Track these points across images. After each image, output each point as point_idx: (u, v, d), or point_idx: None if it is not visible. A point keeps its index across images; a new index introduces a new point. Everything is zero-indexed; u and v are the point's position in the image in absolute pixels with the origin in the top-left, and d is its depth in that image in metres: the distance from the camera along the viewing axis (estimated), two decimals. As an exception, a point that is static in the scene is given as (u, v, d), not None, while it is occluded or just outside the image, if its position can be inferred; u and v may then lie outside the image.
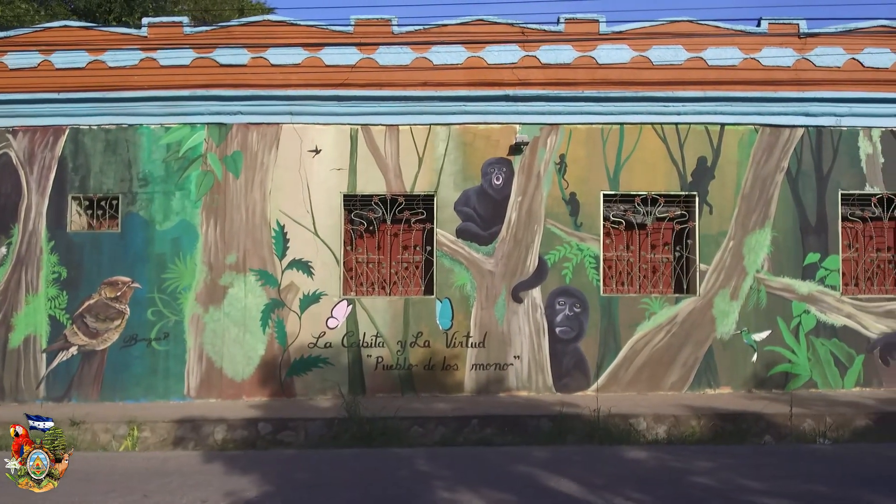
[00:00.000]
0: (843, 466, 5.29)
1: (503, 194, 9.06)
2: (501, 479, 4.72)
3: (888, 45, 9.19)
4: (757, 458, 5.47)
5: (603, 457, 5.36)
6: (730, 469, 4.93)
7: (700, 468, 4.95)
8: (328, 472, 5.17)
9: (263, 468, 5.17)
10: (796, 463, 5.36)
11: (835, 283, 9.04)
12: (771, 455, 5.73)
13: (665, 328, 8.96)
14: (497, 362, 8.93)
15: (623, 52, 9.10)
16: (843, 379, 8.97)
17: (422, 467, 5.10)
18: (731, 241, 9.05)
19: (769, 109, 9.09)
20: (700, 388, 8.92)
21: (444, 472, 4.95)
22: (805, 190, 9.12)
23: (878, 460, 5.50)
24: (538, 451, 5.77)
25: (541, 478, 4.74)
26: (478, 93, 8.97)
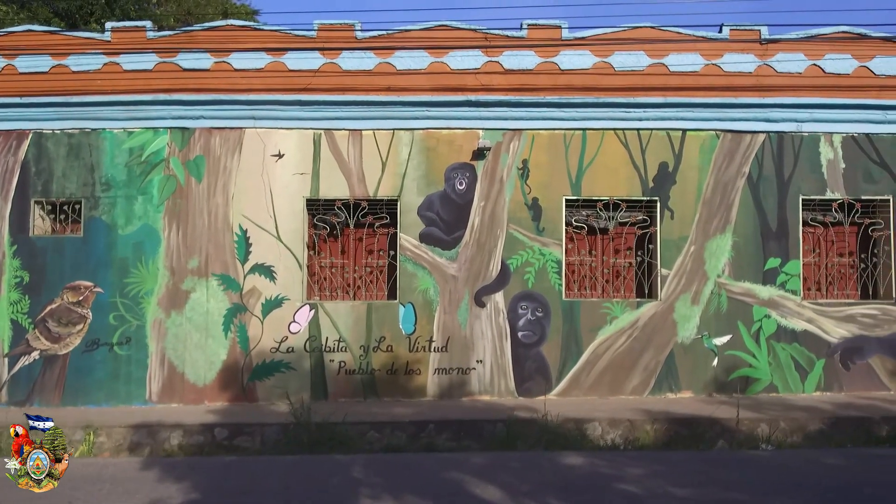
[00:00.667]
0: (773, 473, 5.33)
1: (466, 199, 9.09)
2: (429, 487, 4.75)
3: (849, 51, 9.26)
4: (693, 465, 5.51)
5: (540, 463, 5.39)
6: (661, 476, 4.96)
7: (631, 475, 4.98)
8: (262, 479, 5.18)
9: (199, 475, 5.18)
10: (730, 469, 5.39)
11: (795, 287, 9.11)
12: (708, 461, 5.76)
13: (626, 332, 9.01)
14: (460, 367, 8.95)
15: (585, 57, 9.15)
16: (803, 383, 9.03)
17: (356, 474, 5.11)
18: (693, 246, 9.10)
19: (730, 115, 9.15)
20: (661, 392, 8.97)
21: (376, 479, 4.97)
22: (766, 195, 9.18)
23: (811, 467, 5.53)
24: (479, 457, 5.80)
25: (469, 485, 4.77)
26: (441, 98, 8.99)
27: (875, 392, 8.95)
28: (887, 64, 9.26)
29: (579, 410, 7.95)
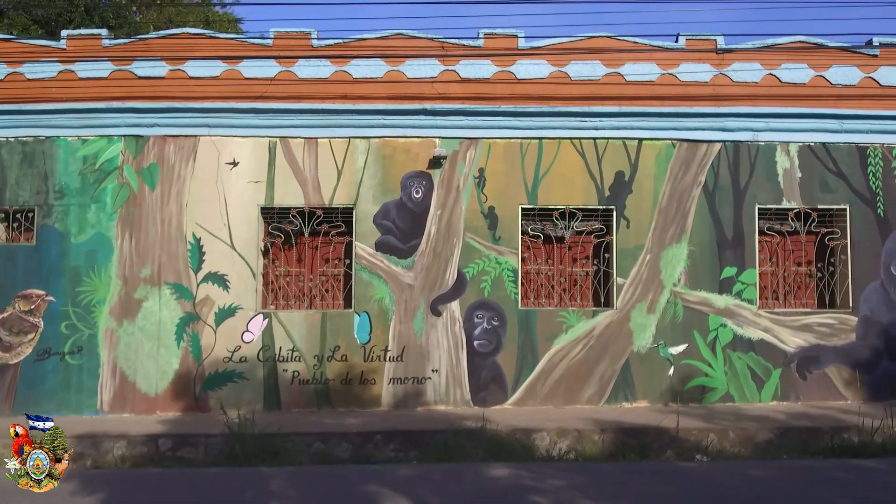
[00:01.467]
0: (693, 486, 5.29)
1: (423, 207, 9.06)
2: (342, 499, 4.69)
3: (805, 61, 9.31)
4: (619, 476, 5.47)
5: (465, 475, 5.33)
6: (579, 488, 4.91)
7: (550, 487, 4.93)
8: (176, 491, 5.13)
9: (113, 488, 5.12)
10: (652, 481, 5.35)
11: (752, 296, 9.10)
12: (636, 473, 5.71)
13: (582, 341, 8.97)
14: (415, 376, 8.90)
15: (541, 67, 9.16)
16: (759, 393, 9.01)
17: (274, 487, 5.05)
18: (649, 255, 9.10)
19: (686, 124, 9.17)
20: (617, 401, 8.93)
21: (291, 491, 4.91)
22: (722, 204, 9.19)
23: (735, 479, 5.48)
24: (408, 468, 5.73)
25: (382, 497, 4.70)
26: (397, 106, 8.98)
27: (832, 402, 8.94)
28: (843, 73, 9.31)
29: (531, 420, 7.91)
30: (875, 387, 9.07)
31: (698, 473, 5.74)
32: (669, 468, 6.13)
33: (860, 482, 5.37)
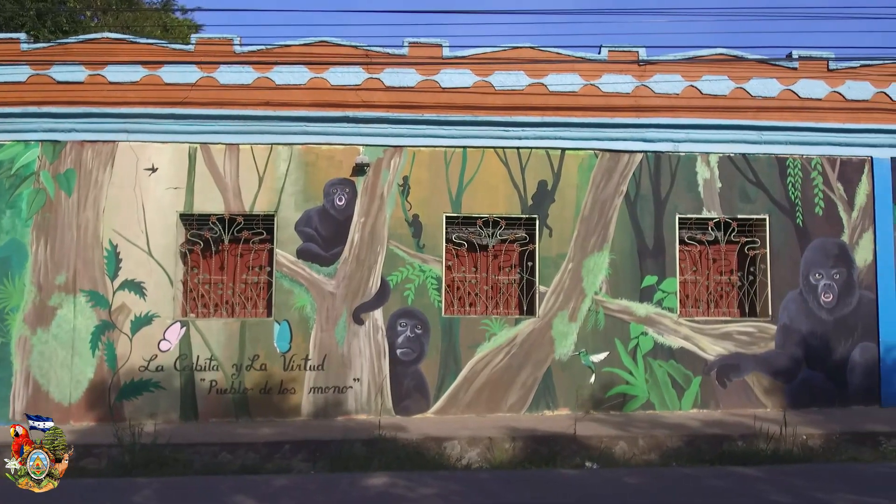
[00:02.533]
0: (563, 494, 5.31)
1: (346, 215, 9.02)
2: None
3: (726, 73, 9.47)
4: (494, 485, 5.47)
5: (339, 484, 5.27)
6: (446, 497, 4.88)
7: (417, 496, 4.89)
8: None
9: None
10: (525, 490, 5.35)
11: (672, 305, 9.20)
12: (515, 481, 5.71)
13: (505, 349, 8.98)
14: (336, 385, 8.82)
15: (466, 76, 9.20)
16: (680, 401, 9.09)
17: (136, 498, 4.94)
18: (571, 264, 9.15)
19: (608, 135, 9.26)
20: (539, 409, 8.94)
21: (151, 503, 4.82)
22: (643, 213, 9.29)
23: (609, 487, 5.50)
24: (285, 479, 5.66)
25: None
26: (320, 113, 8.95)
27: (751, 409, 9.03)
28: (763, 86, 9.49)
29: (447, 429, 7.89)
30: (794, 394, 9.20)
31: (575, 481, 5.79)
32: (551, 476, 6.15)
33: (728, 489, 5.43)
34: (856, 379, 9.28)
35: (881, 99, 9.63)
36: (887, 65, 9.67)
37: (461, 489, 5.13)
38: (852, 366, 9.28)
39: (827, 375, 9.24)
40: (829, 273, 9.37)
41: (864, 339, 9.33)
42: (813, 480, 5.60)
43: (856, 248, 9.45)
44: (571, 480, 5.88)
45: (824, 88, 9.56)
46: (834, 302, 9.33)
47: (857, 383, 9.27)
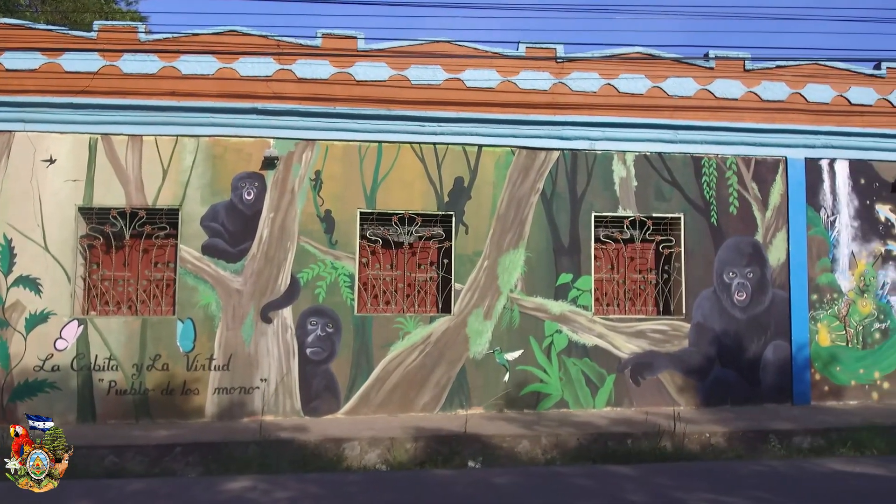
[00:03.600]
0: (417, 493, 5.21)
1: (254, 210, 8.76)
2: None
3: (643, 72, 9.48)
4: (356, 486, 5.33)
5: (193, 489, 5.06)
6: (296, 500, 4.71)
7: (269, 500, 4.71)
8: None
9: None
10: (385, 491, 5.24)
11: (587, 303, 9.16)
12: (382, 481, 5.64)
13: (419, 348, 8.83)
14: (242, 386, 8.56)
15: (381, 69, 9.03)
16: (594, 399, 9.05)
17: None
18: (486, 261, 9.05)
19: (526, 132, 9.19)
20: (452, 408, 8.82)
21: None
22: (559, 211, 9.24)
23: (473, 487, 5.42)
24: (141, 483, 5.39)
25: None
26: (228, 105, 8.68)
27: (665, 407, 9.05)
28: (680, 85, 9.53)
29: (351, 429, 7.70)
30: (707, 392, 9.24)
31: (445, 481, 5.71)
32: (423, 477, 6.08)
33: (591, 488, 5.39)
34: (768, 377, 9.37)
35: (796, 100, 9.75)
36: (803, 66, 9.80)
37: (319, 493, 4.95)
38: (765, 364, 9.37)
39: (740, 374, 9.32)
40: (742, 272, 9.45)
41: (776, 338, 9.42)
42: (682, 479, 5.57)
43: (769, 247, 9.55)
44: (441, 480, 5.78)
45: (740, 88, 9.64)
46: (747, 300, 9.41)
47: (769, 381, 9.36)
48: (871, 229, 9.81)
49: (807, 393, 9.39)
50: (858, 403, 9.45)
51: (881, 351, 9.66)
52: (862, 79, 9.95)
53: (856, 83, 9.91)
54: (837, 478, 5.88)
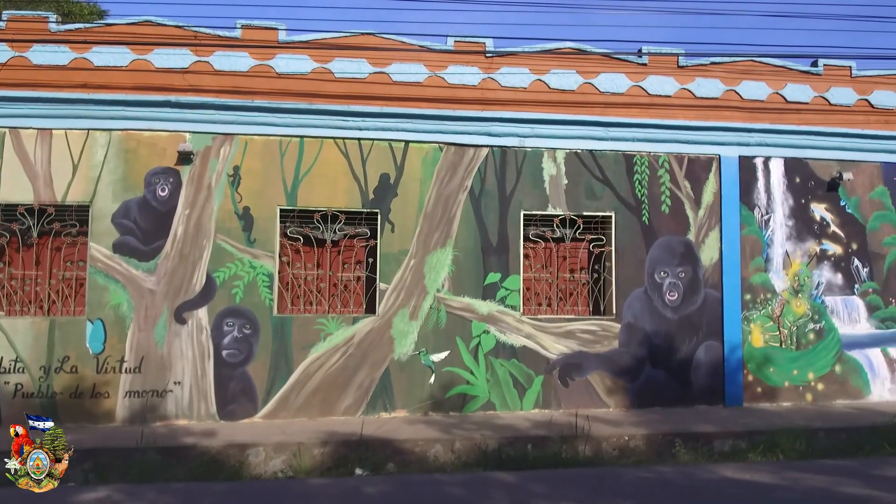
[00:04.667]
0: None
1: (169, 206, 8.47)
2: None
3: (575, 68, 9.30)
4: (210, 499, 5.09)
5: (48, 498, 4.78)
6: None
7: None
8: None
9: None
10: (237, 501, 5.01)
11: (515, 303, 8.96)
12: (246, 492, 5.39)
13: (341, 349, 8.59)
14: (155, 389, 8.26)
15: (304, 62, 8.77)
16: (521, 400, 8.86)
17: None
18: (413, 260, 8.82)
19: (454, 128, 8.97)
20: (375, 411, 8.58)
21: None
22: (488, 210, 9.03)
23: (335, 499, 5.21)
24: None
25: None
26: (141, 97, 8.37)
27: (593, 409, 8.88)
28: (612, 81, 9.36)
29: (261, 434, 7.44)
30: (637, 394, 9.09)
31: (313, 491, 5.49)
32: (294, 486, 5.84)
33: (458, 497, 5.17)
34: (700, 378, 9.23)
35: (731, 97, 9.63)
36: (738, 62, 9.68)
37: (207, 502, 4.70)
38: (696, 365, 9.24)
39: (671, 374, 9.17)
40: (674, 271, 9.30)
41: (708, 338, 9.29)
42: (560, 487, 5.36)
43: (702, 246, 9.42)
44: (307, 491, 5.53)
45: (674, 85, 9.49)
46: (679, 300, 9.27)
47: (701, 383, 9.23)
48: (806, 229, 9.72)
49: (739, 394, 9.26)
50: (792, 405, 9.35)
51: (815, 352, 9.56)
52: (798, 76, 9.85)
53: (792, 80, 9.81)
54: (714, 485, 5.61)
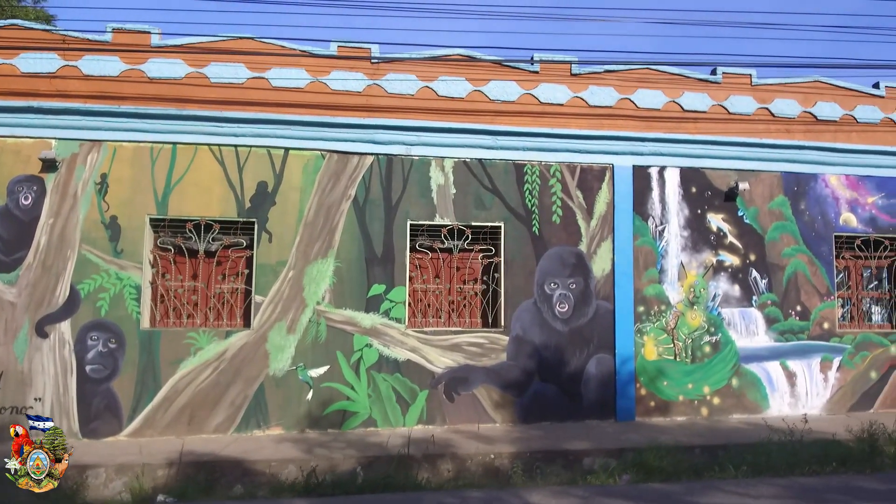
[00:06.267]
0: None
1: (32, 216, 8.11)
2: None
3: (464, 75, 9.10)
4: None
5: None
6: None
7: None
8: None
9: None
10: None
11: (400, 315, 8.70)
12: None
13: (213, 365, 8.26)
14: (14, 405, 7.87)
15: (177, 66, 8.48)
16: (404, 417, 8.58)
17: None
18: (291, 271, 8.53)
19: (337, 135, 8.72)
20: (249, 429, 8.26)
21: None
22: (373, 219, 8.77)
23: None
24: None
25: None
26: (5, 103, 8.03)
27: (480, 424, 8.64)
28: (502, 89, 9.17)
29: (109, 454, 7.10)
30: (525, 408, 8.84)
31: None
32: None
33: None
34: (591, 392, 9.02)
35: (625, 105, 9.48)
36: (633, 70, 9.54)
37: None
38: (587, 378, 9.02)
39: (560, 388, 8.94)
40: (565, 282, 9.10)
41: (599, 351, 9.09)
42: None
43: (594, 257, 9.23)
44: None
45: (567, 93, 9.33)
46: (569, 312, 9.06)
47: (592, 397, 9.01)
48: (702, 239, 9.57)
49: (631, 408, 9.06)
50: (686, 420, 9.16)
51: (711, 365, 9.39)
52: (696, 84, 9.73)
53: (689, 89, 9.69)
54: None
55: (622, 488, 6.10)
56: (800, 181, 9.92)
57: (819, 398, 9.66)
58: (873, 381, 9.85)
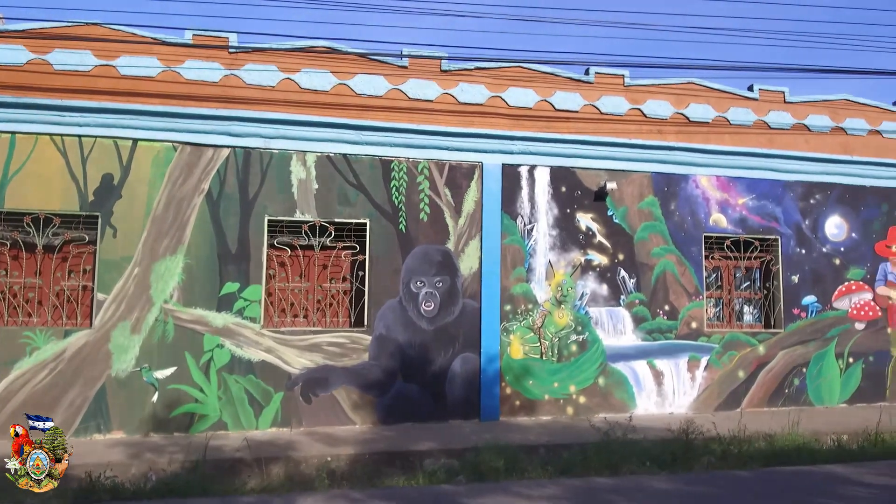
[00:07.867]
0: None
1: None
2: None
3: (329, 67, 8.89)
4: None
5: None
6: None
7: None
8: None
9: None
10: None
11: (255, 314, 8.43)
12: None
13: (50, 365, 7.84)
14: None
15: (18, 52, 8.04)
16: (257, 419, 8.31)
17: None
18: (137, 268, 8.17)
19: (190, 126, 8.39)
20: (88, 433, 7.87)
21: None
22: (227, 215, 8.48)
23: None
24: None
25: None
26: None
27: (338, 426, 8.44)
28: (369, 83, 8.99)
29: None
30: (387, 409, 8.68)
31: None
32: None
33: None
34: (455, 391, 8.91)
35: (496, 103, 9.41)
36: (505, 68, 9.48)
37: None
38: (452, 378, 8.91)
39: (424, 388, 8.81)
40: (431, 281, 8.97)
41: (465, 350, 8.99)
42: None
43: (461, 255, 9.13)
44: None
45: (436, 90, 9.21)
46: (435, 311, 8.94)
47: (456, 396, 8.91)
48: (571, 239, 9.57)
49: (495, 408, 8.99)
50: (552, 419, 9.14)
51: (577, 364, 9.40)
52: (568, 83, 9.74)
53: (562, 88, 9.69)
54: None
55: (400, 490, 5.96)
56: (670, 182, 10.02)
57: (686, 397, 9.78)
58: (741, 381, 10.02)
